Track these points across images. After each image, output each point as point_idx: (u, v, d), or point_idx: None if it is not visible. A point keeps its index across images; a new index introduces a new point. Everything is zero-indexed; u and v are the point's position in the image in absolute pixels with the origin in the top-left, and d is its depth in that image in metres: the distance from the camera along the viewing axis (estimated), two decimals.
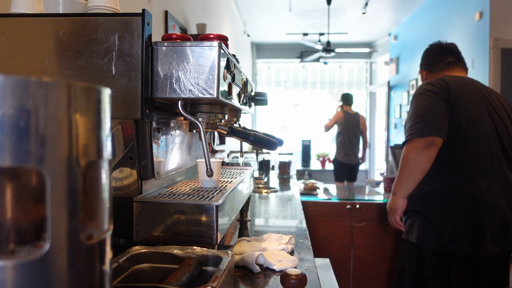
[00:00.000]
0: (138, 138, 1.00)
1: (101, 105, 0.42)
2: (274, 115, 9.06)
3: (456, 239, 1.66)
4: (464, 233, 1.66)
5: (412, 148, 1.68)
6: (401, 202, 1.79)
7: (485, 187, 1.66)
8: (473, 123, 1.70)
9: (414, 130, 1.69)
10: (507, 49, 3.77)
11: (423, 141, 1.66)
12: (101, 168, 0.43)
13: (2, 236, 0.36)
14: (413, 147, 1.68)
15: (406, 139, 1.74)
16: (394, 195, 1.82)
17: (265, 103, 1.59)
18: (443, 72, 1.91)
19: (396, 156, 3.00)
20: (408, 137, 1.72)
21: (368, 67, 8.70)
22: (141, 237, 0.98)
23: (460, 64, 1.93)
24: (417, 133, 1.67)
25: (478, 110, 1.73)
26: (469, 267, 1.68)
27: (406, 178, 1.73)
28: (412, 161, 1.69)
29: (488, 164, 1.68)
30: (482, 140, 1.69)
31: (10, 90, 0.33)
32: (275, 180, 3.15)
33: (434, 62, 1.95)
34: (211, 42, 0.94)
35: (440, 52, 1.95)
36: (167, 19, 2.73)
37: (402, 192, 1.78)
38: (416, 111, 1.73)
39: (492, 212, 1.65)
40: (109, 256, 0.44)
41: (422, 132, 1.66)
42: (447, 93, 1.71)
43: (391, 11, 6.25)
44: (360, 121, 5.20)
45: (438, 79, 1.79)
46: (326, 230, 2.63)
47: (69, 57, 0.94)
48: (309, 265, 1.14)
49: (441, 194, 1.71)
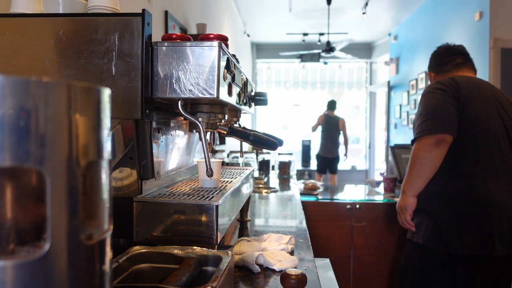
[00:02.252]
0: (138, 138, 1.00)
1: (101, 105, 0.42)
2: (274, 115, 9.06)
3: (463, 239, 1.64)
4: (472, 234, 1.64)
5: (421, 146, 1.66)
6: (411, 201, 1.76)
7: (494, 187, 1.64)
8: (483, 123, 1.68)
9: (424, 128, 1.66)
10: (507, 49, 3.77)
11: (433, 139, 1.63)
12: (101, 168, 0.43)
13: (2, 236, 0.36)
14: (422, 144, 1.66)
15: (415, 137, 1.71)
16: (404, 194, 1.79)
17: (265, 103, 1.59)
18: (451, 73, 1.89)
19: (396, 156, 2.99)
20: (417, 135, 1.69)
21: (368, 67, 8.71)
22: (141, 237, 0.98)
23: (468, 65, 1.91)
24: (426, 130, 1.65)
25: (488, 109, 1.71)
26: (476, 268, 1.66)
27: (416, 177, 1.71)
28: (422, 159, 1.67)
29: (497, 164, 1.67)
30: (492, 140, 1.68)
31: (10, 90, 0.33)
32: (275, 180, 3.15)
33: (442, 63, 1.93)
34: (211, 42, 0.94)
35: (448, 53, 1.93)
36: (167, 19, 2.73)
37: (412, 191, 1.75)
38: (425, 109, 1.71)
39: (500, 212, 1.63)
40: (109, 256, 0.44)
41: (432, 130, 1.63)
42: (457, 91, 1.69)
43: (391, 11, 6.25)
44: (339, 123, 6.25)
45: (448, 78, 1.77)
46: (326, 230, 2.63)
47: (69, 57, 0.94)
48: (309, 265, 1.14)
49: (449, 193, 1.69)
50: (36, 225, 0.37)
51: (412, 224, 1.80)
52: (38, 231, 0.37)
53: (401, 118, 6.57)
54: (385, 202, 2.66)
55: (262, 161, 3.23)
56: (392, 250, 2.62)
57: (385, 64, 7.51)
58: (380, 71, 8.27)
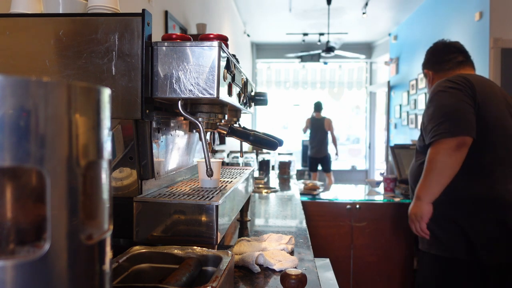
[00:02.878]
0: (138, 138, 1.00)
1: (101, 105, 0.42)
2: (274, 115, 9.06)
3: (494, 247, 1.55)
4: (502, 240, 1.55)
5: (441, 150, 1.54)
6: (428, 207, 1.62)
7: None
8: (501, 124, 1.61)
9: (442, 130, 1.54)
10: (507, 49, 3.77)
11: (453, 142, 1.52)
12: (101, 168, 0.43)
13: (2, 236, 0.36)
14: (442, 148, 1.53)
15: (432, 140, 1.58)
16: (419, 200, 1.63)
17: (265, 103, 1.59)
18: (453, 72, 1.79)
19: (396, 156, 2.99)
20: (435, 138, 1.56)
21: (368, 67, 8.71)
22: (141, 237, 0.98)
23: (469, 63, 1.82)
24: (446, 133, 1.53)
25: (501, 109, 1.64)
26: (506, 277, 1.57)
27: (434, 182, 1.57)
28: (441, 164, 1.54)
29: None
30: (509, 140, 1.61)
31: (10, 90, 0.33)
32: (275, 180, 3.15)
33: (442, 61, 1.83)
34: (211, 42, 0.94)
35: (447, 50, 1.83)
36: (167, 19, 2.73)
37: (429, 197, 1.61)
38: (440, 109, 1.58)
39: None
40: (109, 256, 0.44)
41: (452, 132, 1.52)
42: (472, 90, 1.59)
43: (391, 11, 6.26)
44: (325, 124, 6.43)
45: (457, 76, 1.66)
46: (326, 230, 2.63)
47: (69, 57, 0.94)
48: (309, 265, 1.14)
49: (473, 199, 1.58)
50: (36, 225, 0.37)
51: (427, 233, 1.67)
52: (38, 231, 0.37)
53: (401, 118, 6.58)
54: (385, 202, 2.66)
55: (262, 161, 3.23)
56: (392, 250, 2.62)
57: (385, 64, 7.52)
58: (380, 71, 8.27)
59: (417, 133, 5.66)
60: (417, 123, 5.75)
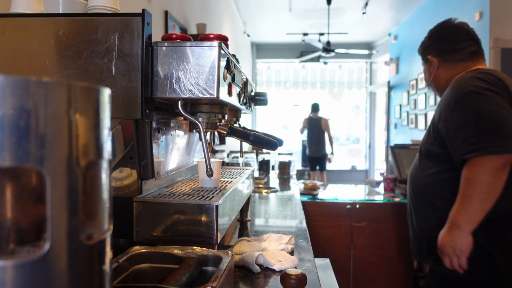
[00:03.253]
0: (138, 138, 1.00)
1: (101, 105, 0.42)
2: (274, 115, 9.06)
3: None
4: None
5: (487, 169, 1.26)
6: (469, 239, 1.33)
7: None
8: None
9: (487, 144, 1.26)
10: (507, 49, 3.77)
11: (501, 159, 1.25)
12: (101, 168, 0.43)
13: (2, 236, 0.36)
14: (488, 167, 1.26)
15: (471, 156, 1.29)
16: (458, 230, 1.33)
17: (265, 103, 1.59)
18: (465, 64, 1.51)
19: (396, 156, 2.99)
20: (476, 153, 1.28)
21: (368, 67, 8.71)
22: (141, 237, 0.98)
23: (483, 55, 1.54)
24: (493, 147, 1.25)
25: None
26: None
27: (478, 208, 1.29)
28: (487, 187, 1.27)
29: None
30: None
31: (10, 90, 0.33)
32: (275, 180, 3.15)
33: (453, 50, 1.53)
34: (211, 42, 0.94)
35: (459, 37, 1.53)
36: (167, 19, 2.73)
37: (471, 226, 1.32)
38: (479, 117, 1.30)
39: None
40: (109, 256, 0.44)
41: (501, 147, 1.25)
42: (508, 93, 1.34)
43: (391, 11, 6.26)
44: (322, 123, 6.59)
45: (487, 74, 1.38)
46: (326, 230, 2.63)
47: (69, 57, 0.94)
48: (309, 265, 1.14)
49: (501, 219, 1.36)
50: (36, 225, 0.37)
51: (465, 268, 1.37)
52: (38, 231, 0.37)
53: (401, 118, 6.58)
54: (385, 202, 2.66)
55: (262, 161, 3.23)
56: (392, 250, 2.62)
57: (385, 64, 7.52)
58: (380, 71, 8.28)
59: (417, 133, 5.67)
60: (417, 123, 5.75)
